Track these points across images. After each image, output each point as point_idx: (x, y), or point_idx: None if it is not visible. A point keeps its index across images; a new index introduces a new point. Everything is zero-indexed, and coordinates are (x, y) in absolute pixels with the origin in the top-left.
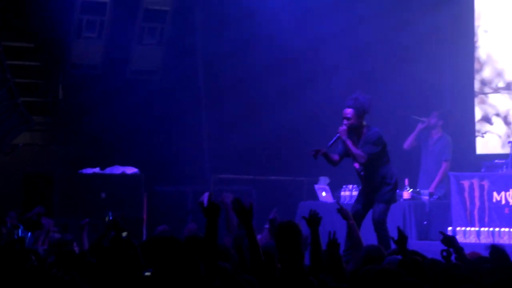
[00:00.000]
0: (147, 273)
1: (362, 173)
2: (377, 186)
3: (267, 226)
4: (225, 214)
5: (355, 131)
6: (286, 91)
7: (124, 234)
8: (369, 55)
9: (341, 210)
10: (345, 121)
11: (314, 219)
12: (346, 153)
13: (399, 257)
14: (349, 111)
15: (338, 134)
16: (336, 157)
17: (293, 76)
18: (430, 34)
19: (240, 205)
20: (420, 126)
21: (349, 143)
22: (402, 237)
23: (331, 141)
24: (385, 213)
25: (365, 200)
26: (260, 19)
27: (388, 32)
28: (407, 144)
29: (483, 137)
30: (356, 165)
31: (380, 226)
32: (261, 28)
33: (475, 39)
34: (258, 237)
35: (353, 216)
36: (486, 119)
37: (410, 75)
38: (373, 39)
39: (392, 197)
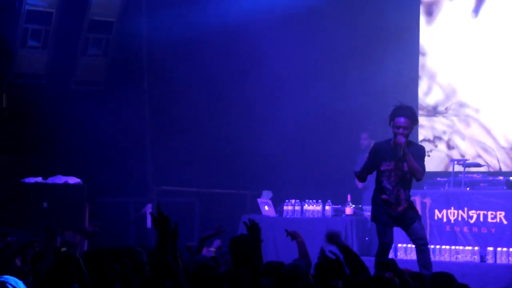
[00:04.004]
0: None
1: (394, 190)
2: (408, 204)
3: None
4: None
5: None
6: (230, 104)
7: (63, 249)
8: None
9: (289, 232)
10: (400, 130)
11: (254, 227)
12: (374, 168)
13: None
14: (405, 121)
15: (400, 145)
16: (364, 173)
17: (239, 89)
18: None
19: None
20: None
21: (410, 156)
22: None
23: (399, 154)
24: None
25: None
26: (206, 30)
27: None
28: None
29: (429, 156)
30: (386, 183)
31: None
32: (208, 40)
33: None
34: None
35: (387, 243)
36: (429, 140)
37: (356, 97)
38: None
39: None
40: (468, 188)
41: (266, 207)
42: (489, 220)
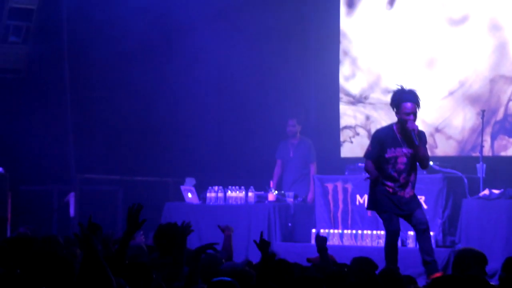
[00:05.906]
0: None
1: (400, 178)
2: (413, 191)
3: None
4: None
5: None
6: (152, 90)
7: None
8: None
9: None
10: (411, 117)
11: (184, 228)
12: (380, 156)
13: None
14: (412, 106)
15: (413, 132)
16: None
17: (162, 74)
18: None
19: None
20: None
21: (423, 144)
22: (264, 242)
23: (416, 141)
24: None
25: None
26: (129, 15)
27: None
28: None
29: (352, 142)
30: (392, 170)
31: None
32: (130, 25)
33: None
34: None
35: (395, 231)
36: (351, 126)
37: (278, 84)
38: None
39: None
40: None
41: (190, 194)
42: None
